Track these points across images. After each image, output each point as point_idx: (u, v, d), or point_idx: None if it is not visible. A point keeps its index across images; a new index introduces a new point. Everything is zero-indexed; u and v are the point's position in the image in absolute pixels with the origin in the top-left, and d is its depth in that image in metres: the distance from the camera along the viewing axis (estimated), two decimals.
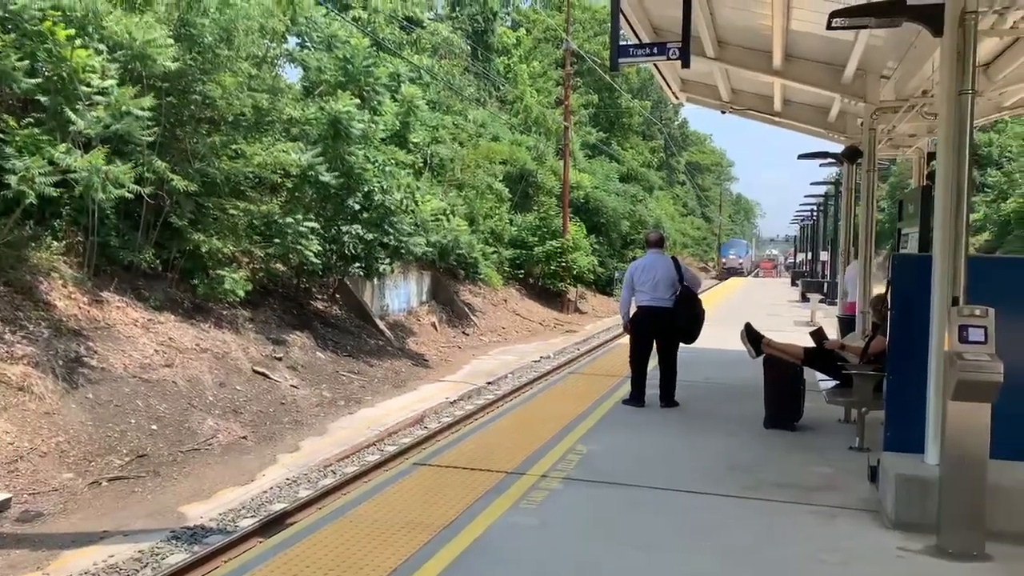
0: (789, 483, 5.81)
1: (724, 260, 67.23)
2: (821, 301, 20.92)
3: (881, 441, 5.60)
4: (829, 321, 15.56)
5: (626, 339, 8.86)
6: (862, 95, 10.08)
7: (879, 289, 7.61)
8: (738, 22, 9.42)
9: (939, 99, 5.28)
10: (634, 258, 17.98)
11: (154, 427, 10.31)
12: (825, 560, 4.44)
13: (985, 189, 38.10)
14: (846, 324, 11.82)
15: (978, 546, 4.47)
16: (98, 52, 11.38)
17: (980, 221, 36.72)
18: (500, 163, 29.43)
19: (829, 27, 5.78)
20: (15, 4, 10.30)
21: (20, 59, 10.13)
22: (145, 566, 7.22)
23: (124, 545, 7.55)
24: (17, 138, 10.26)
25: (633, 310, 8.49)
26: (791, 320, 19.00)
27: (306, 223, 14.61)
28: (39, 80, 10.51)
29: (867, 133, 10.47)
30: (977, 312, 4.50)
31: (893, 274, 5.61)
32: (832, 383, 7.32)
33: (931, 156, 11.43)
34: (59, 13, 10.94)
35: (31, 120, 10.74)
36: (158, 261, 12.93)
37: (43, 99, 10.76)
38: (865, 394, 6.55)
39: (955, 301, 4.72)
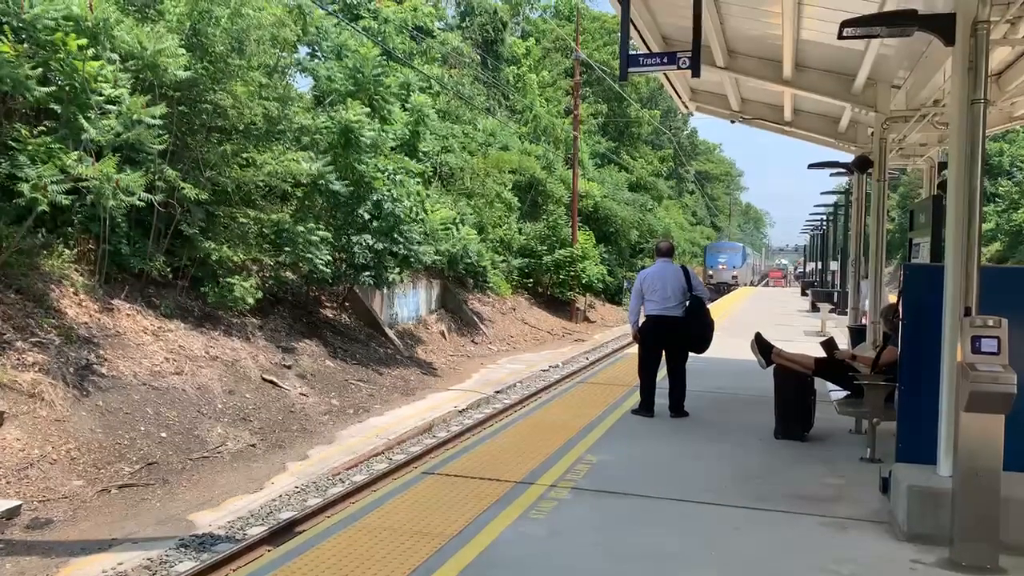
0: (799, 494, 5.77)
1: (711, 271, 49.73)
2: (831, 311, 20.82)
3: (893, 452, 5.57)
4: (840, 331, 15.50)
5: (635, 348, 8.82)
6: (873, 104, 10.03)
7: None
8: (748, 31, 9.41)
9: (950, 109, 5.25)
10: (643, 267, 17.89)
11: (163, 435, 10.33)
12: (836, 572, 4.40)
13: (996, 199, 37.97)
14: (857, 334, 11.75)
15: (991, 559, 4.42)
16: (110, 62, 11.48)
17: (992, 231, 36.60)
18: (509, 172, 29.48)
19: (840, 36, 5.75)
20: (28, 13, 10.40)
21: (33, 68, 10.22)
22: (154, 574, 7.23)
23: (133, 553, 7.56)
24: (30, 146, 10.35)
25: (642, 319, 8.46)
26: (801, 330, 18.91)
27: (317, 232, 14.66)
28: (52, 89, 10.60)
29: (878, 143, 10.43)
30: (990, 323, 4.46)
31: (904, 284, 5.58)
32: (843, 393, 7.28)
33: (942, 166, 11.37)
34: (72, 23, 11.04)
35: (44, 128, 10.83)
36: (168, 269, 12.98)
37: (56, 108, 10.85)
38: (876, 405, 6.51)
39: (967, 311, 4.69)
